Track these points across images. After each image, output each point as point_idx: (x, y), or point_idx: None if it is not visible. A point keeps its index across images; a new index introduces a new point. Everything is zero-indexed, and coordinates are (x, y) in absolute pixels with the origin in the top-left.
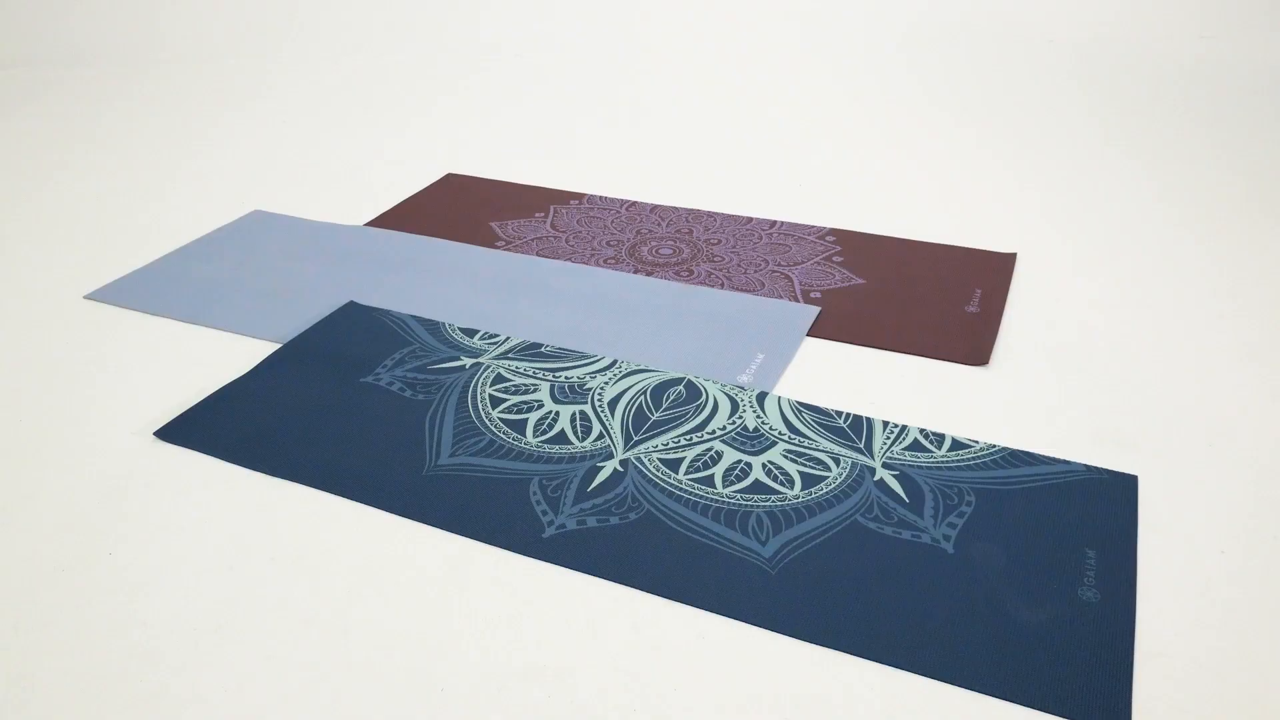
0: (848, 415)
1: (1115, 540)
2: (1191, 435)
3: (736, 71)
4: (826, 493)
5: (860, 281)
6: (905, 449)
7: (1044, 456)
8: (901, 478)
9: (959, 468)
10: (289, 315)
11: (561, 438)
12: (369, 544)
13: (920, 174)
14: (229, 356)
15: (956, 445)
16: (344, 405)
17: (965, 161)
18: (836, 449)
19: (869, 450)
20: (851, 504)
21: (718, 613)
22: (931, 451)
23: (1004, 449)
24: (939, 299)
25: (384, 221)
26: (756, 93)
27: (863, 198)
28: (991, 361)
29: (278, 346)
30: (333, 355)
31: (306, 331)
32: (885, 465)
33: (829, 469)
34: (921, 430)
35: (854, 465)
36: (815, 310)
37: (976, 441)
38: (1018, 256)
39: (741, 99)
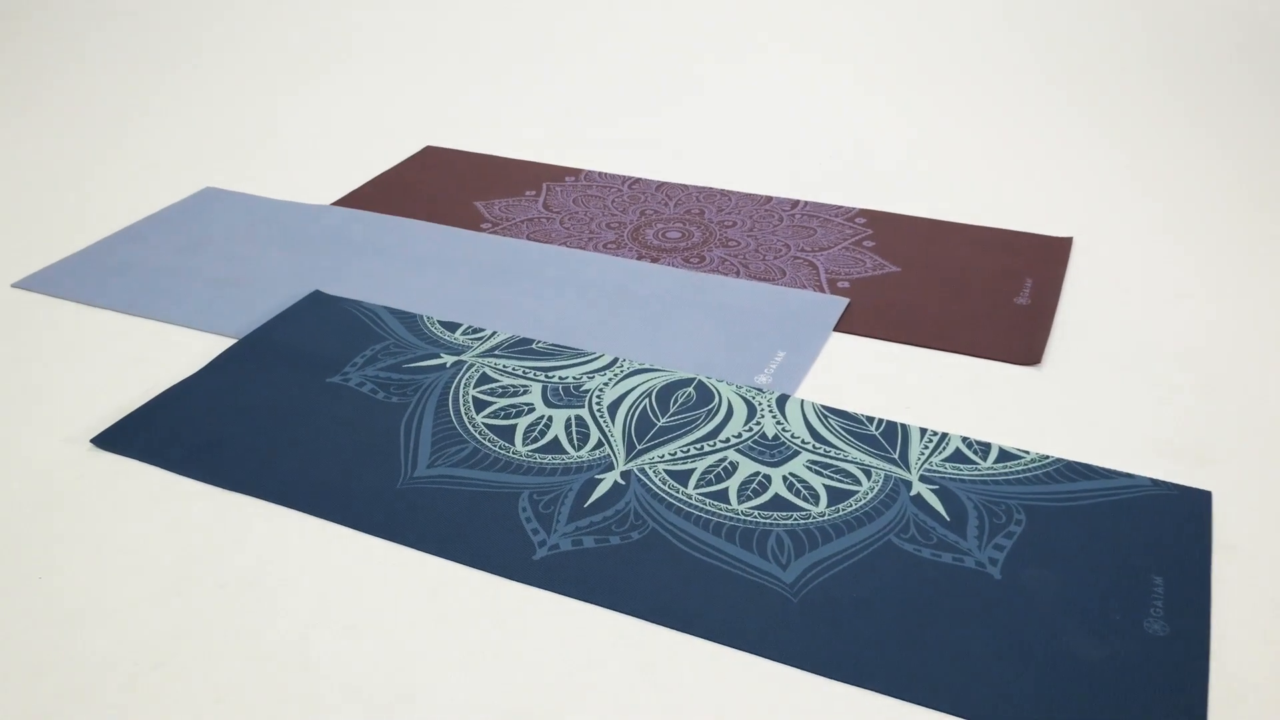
0: (880, 422)
1: (1186, 565)
2: (1273, 445)
3: (754, 32)
4: (856, 509)
5: (895, 269)
6: (946, 460)
7: (1104, 469)
8: (941, 493)
9: (1007, 481)
10: (245, 306)
11: (555, 446)
12: (335, 567)
13: (963, 147)
14: (176, 353)
15: (1004, 456)
16: (308, 409)
17: (1014, 133)
18: (867, 460)
19: (904, 461)
20: (884, 522)
21: (732, 645)
22: (976, 463)
23: (1059, 460)
24: (984, 289)
25: (354, 200)
26: (777, 55)
27: (897, 174)
28: (1044, 361)
29: (232, 342)
30: (295, 352)
31: (265, 325)
32: (923, 478)
33: (859, 482)
34: (964, 439)
35: (887, 478)
36: (843, 302)
37: (1027, 452)
38: (1074, 241)
39: (760, 62)
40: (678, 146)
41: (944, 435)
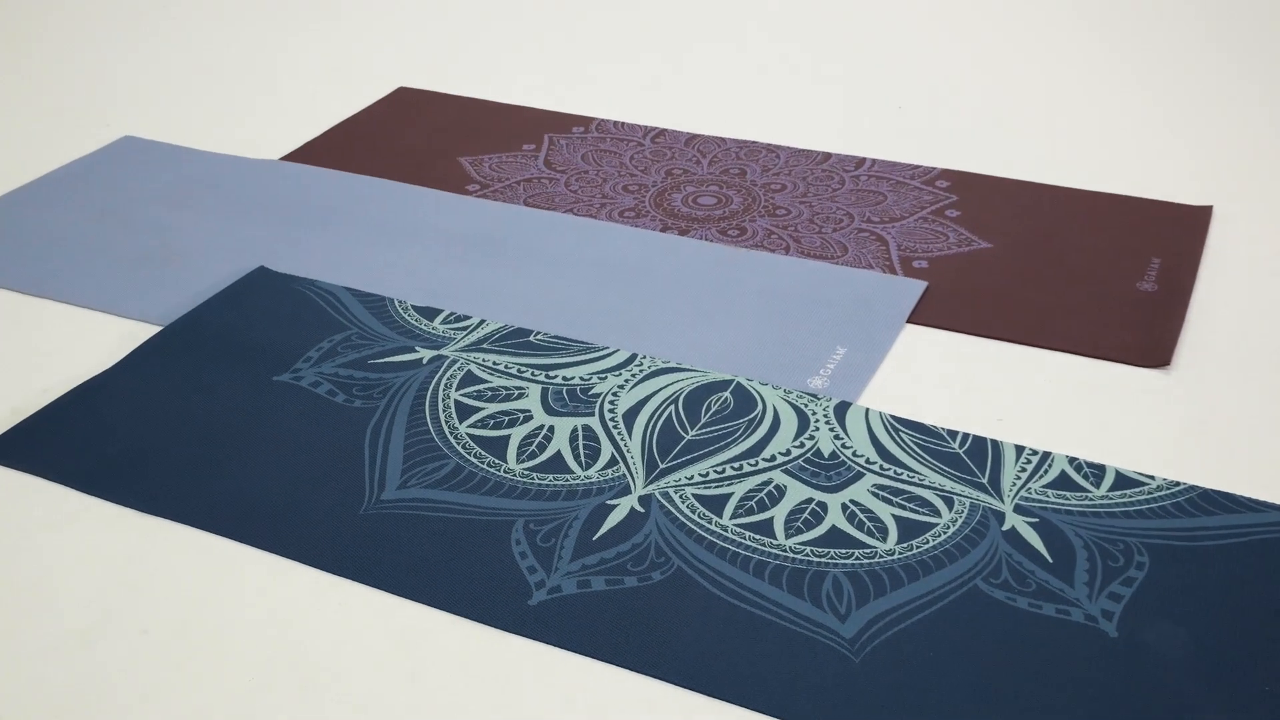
0: (965, 437)
1: None
2: None
3: None
4: (934, 547)
5: (984, 245)
6: (1048, 486)
7: (1249, 500)
8: (1042, 527)
9: (1126, 514)
10: (172, 285)
11: (557, 463)
12: (283, 611)
13: (1071, 91)
14: (87, 343)
15: (1123, 482)
16: (250, 414)
17: (1133, 74)
18: (949, 485)
19: (996, 487)
20: (970, 564)
21: (776, 716)
22: (1086, 490)
23: (1192, 488)
24: (1099, 271)
25: (308, 154)
26: None
27: (988, 126)
28: (1175, 362)
29: (156, 330)
30: (234, 343)
31: (197, 309)
32: (1019, 509)
33: (938, 513)
34: (1072, 460)
35: (974, 508)
36: (920, 286)
37: (1152, 477)
38: (1213, 211)
39: None
40: (712, 90)
41: (1046, 455)
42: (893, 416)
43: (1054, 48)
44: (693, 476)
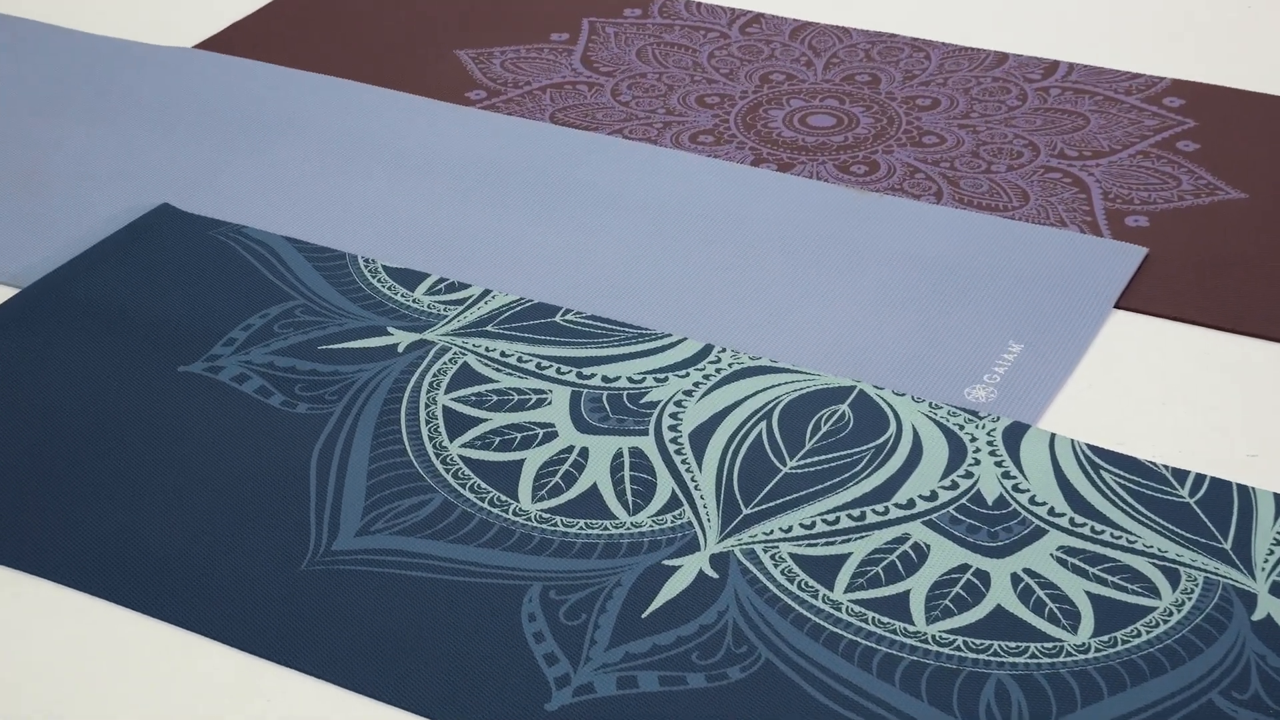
0: (1200, 479)
1: None
2: None
3: None
4: (1149, 641)
5: (1234, 195)
6: None
7: None
8: None
9: None
10: (37, 228)
11: (592, 504)
12: (188, 708)
13: None
14: None
15: None
16: (143, 421)
17: None
18: (1174, 550)
19: (1245, 557)
20: (1204, 668)
21: None
22: None
23: None
24: None
25: (235, 41)
26: None
27: (1242, 16)
28: None
29: (12, 293)
30: (123, 316)
31: (71, 264)
32: (1279, 590)
33: (1156, 593)
34: None
35: (1211, 586)
36: (1138, 254)
37: None
38: None
39: None
40: None
41: None
42: (1090, 446)
43: None
44: (791, 528)
